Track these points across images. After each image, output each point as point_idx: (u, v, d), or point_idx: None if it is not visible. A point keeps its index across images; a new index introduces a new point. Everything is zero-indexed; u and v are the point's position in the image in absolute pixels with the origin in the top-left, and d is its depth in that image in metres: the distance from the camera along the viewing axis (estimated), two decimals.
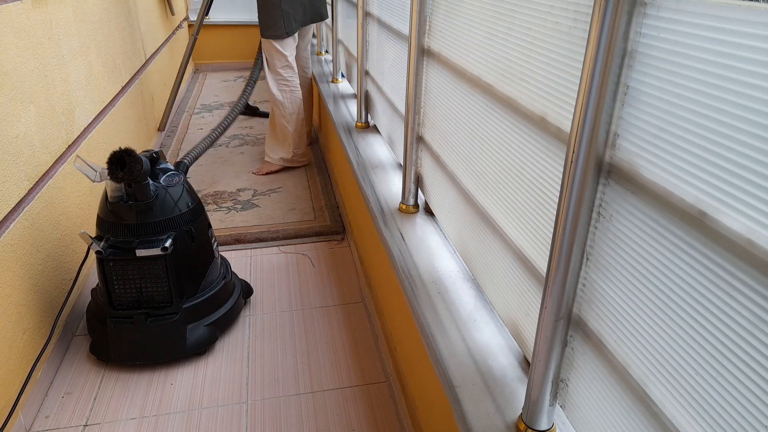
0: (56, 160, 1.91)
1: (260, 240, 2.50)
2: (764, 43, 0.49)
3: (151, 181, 1.69)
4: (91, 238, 1.65)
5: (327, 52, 3.83)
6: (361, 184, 1.85)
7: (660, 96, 0.62)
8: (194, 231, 1.77)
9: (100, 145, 2.38)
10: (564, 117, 0.81)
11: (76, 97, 2.15)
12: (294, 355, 1.84)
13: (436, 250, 1.42)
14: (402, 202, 1.65)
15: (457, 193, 1.31)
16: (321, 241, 2.53)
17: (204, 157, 3.43)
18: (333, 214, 2.72)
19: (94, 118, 2.35)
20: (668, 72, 0.60)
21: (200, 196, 2.36)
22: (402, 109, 1.77)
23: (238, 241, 2.49)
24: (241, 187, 3.01)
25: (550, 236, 0.87)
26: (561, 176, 0.78)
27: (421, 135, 1.55)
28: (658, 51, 0.61)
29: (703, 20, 0.55)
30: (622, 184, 0.69)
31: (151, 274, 1.71)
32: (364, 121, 2.42)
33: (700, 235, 0.58)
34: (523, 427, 0.89)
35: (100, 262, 1.68)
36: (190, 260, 1.79)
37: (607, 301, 0.74)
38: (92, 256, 1.87)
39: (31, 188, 1.70)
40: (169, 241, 1.67)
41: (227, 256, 2.29)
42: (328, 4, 3.17)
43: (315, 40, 4.02)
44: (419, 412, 1.45)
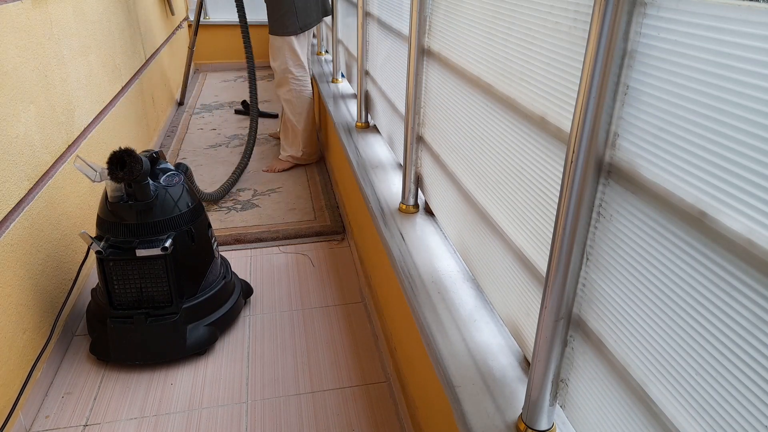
0: (56, 160, 1.90)
1: (260, 240, 2.50)
2: (764, 43, 0.49)
3: (151, 181, 1.69)
4: (91, 238, 1.65)
5: (327, 52, 3.83)
6: (361, 184, 1.85)
7: (660, 96, 0.62)
8: (194, 231, 1.77)
9: (100, 145, 2.38)
10: (564, 117, 0.81)
11: (76, 97, 2.15)
12: (294, 355, 1.84)
13: (436, 250, 1.42)
14: (402, 202, 1.65)
15: (457, 193, 1.30)
16: (321, 241, 2.53)
17: (204, 157, 3.43)
18: (333, 214, 2.72)
19: (94, 118, 2.35)
20: (668, 72, 0.60)
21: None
22: (402, 109, 1.77)
23: (238, 241, 2.49)
24: (241, 187, 3.01)
25: (550, 236, 0.87)
26: (561, 176, 0.78)
27: (421, 135, 1.55)
28: (658, 51, 0.61)
29: (703, 20, 0.55)
30: (622, 184, 0.69)
31: (151, 274, 1.71)
32: (364, 121, 2.42)
33: (700, 235, 0.58)
34: (523, 427, 0.89)
35: (100, 262, 1.68)
36: (190, 260, 1.79)
37: (607, 301, 0.74)
38: (92, 256, 1.87)
39: (31, 188, 1.70)
40: (169, 241, 1.67)
41: (227, 256, 2.29)
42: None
43: (315, 40, 4.02)
44: (419, 412, 1.45)
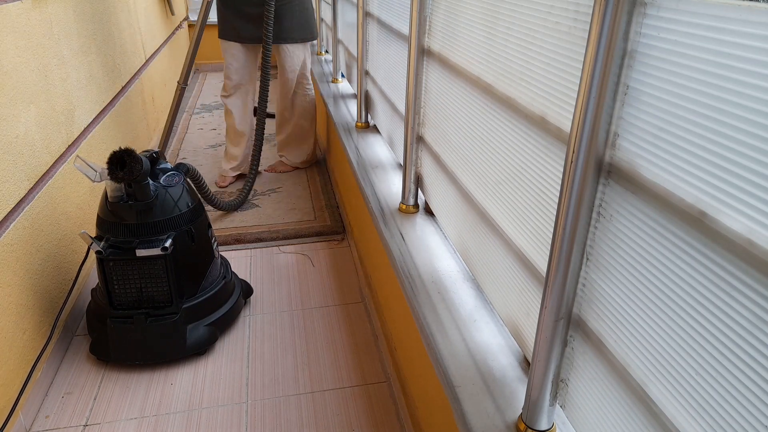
0: (56, 160, 1.90)
1: (260, 240, 2.50)
2: (764, 43, 0.49)
3: (151, 181, 1.69)
4: (91, 238, 1.65)
5: (327, 52, 3.83)
6: (361, 184, 1.84)
7: (660, 96, 0.62)
8: (194, 231, 1.77)
9: (100, 145, 2.38)
10: (564, 117, 0.81)
11: (76, 97, 2.15)
12: (294, 355, 1.84)
13: (436, 250, 1.42)
14: (402, 202, 1.65)
15: (457, 193, 1.30)
16: (321, 241, 2.53)
17: (204, 157, 3.43)
18: (333, 214, 2.72)
19: (94, 118, 2.35)
20: (668, 72, 0.60)
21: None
22: (402, 109, 1.77)
23: (238, 241, 2.49)
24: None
25: (550, 236, 0.87)
26: (561, 176, 0.78)
27: (421, 135, 1.55)
28: (658, 51, 0.61)
29: (703, 20, 0.55)
30: (622, 184, 0.69)
31: (151, 274, 1.71)
32: (364, 121, 2.42)
33: (700, 235, 0.58)
34: (523, 427, 0.89)
35: (100, 262, 1.68)
36: (190, 260, 1.79)
37: (607, 301, 0.74)
38: (92, 256, 1.87)
39: (31, 188, 1.70)
40: (169, 241, 1.67)
41: (227, 256, 2.29)
42: (328, 4, 3.16)
43: (315, 41, 4.02)
44: (419, 412, 1.45)
